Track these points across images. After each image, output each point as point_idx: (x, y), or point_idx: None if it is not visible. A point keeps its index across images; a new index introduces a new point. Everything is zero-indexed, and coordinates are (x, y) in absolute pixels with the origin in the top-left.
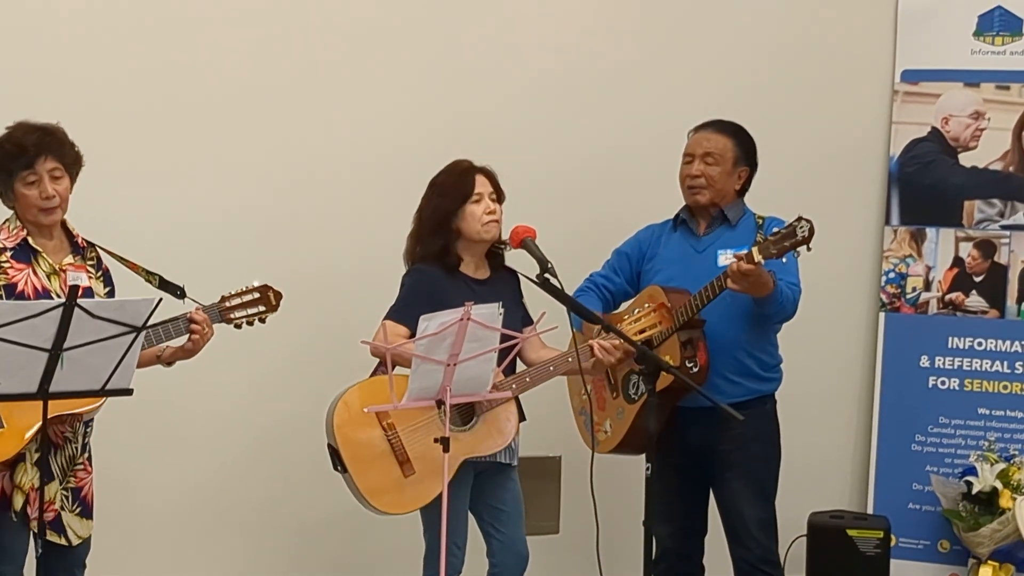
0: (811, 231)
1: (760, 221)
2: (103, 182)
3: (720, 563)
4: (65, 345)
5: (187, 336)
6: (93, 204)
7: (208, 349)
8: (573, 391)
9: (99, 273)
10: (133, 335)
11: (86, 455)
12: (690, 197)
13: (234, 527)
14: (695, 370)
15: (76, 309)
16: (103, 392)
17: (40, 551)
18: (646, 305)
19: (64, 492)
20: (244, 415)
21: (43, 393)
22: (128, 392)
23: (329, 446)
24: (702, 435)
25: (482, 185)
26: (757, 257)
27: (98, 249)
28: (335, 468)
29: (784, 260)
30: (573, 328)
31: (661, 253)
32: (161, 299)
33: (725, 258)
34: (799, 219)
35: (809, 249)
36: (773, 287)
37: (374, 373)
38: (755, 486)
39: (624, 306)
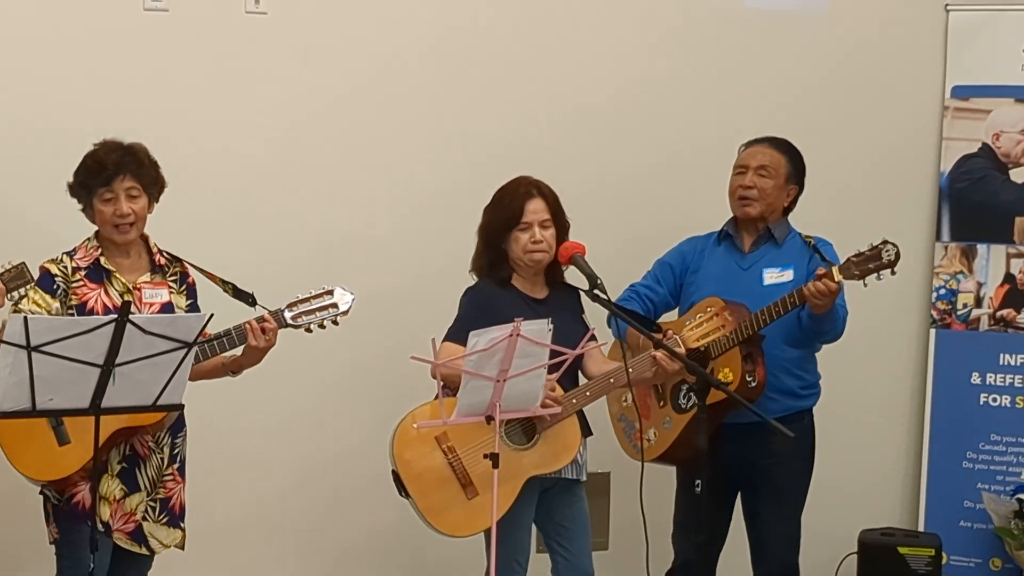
0: (897, 255)
1: (809, 241)
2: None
3: (736, 572)
4: (117, 360)
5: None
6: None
7: (269, 364)
8: (611, 397)
9: (183, 287)
10: (185, 350)
11: (176, 465)
12: (740, 208)
13: (291, 544)
14: (753, 384)
15: (128, 325)
16: (154, 408)
17: (92, 565)
18: (708, 309)
19: (152, 503)
20: (299, 434)
21: (95, 409)
22: (179, 407)
23: (392, 472)
24: (741, 449)
25: (533, 212)
26: (838, 277)
27: (185, 264)
28: (400, 494)
29: (865, 284)
30: (616, 337)
31: (705, 268)
32: (212, 315)
33: (771, 276)
34: (884, 242)
35: (894, 273)
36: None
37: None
38: (788, 501)
39: (668, 317)
